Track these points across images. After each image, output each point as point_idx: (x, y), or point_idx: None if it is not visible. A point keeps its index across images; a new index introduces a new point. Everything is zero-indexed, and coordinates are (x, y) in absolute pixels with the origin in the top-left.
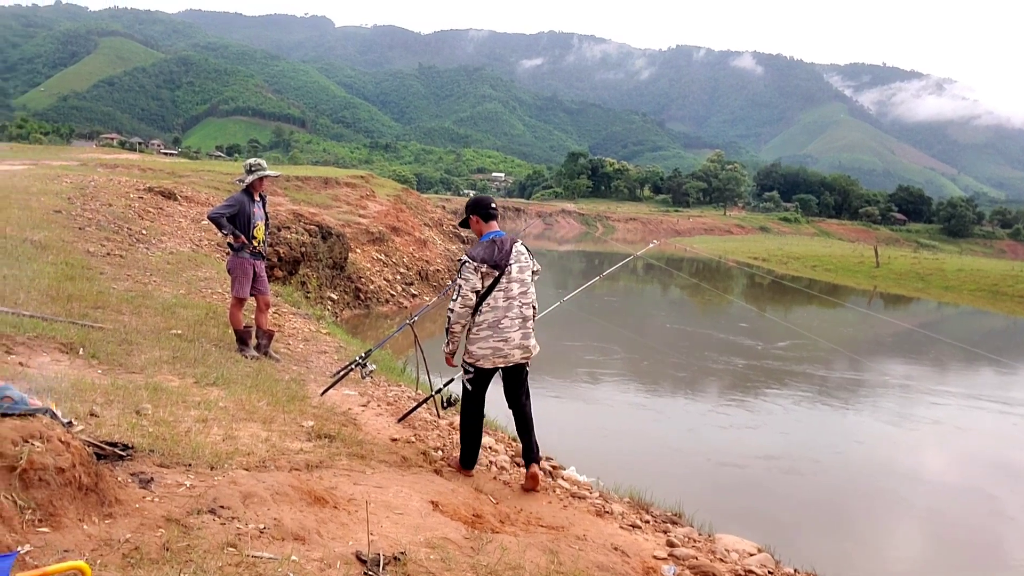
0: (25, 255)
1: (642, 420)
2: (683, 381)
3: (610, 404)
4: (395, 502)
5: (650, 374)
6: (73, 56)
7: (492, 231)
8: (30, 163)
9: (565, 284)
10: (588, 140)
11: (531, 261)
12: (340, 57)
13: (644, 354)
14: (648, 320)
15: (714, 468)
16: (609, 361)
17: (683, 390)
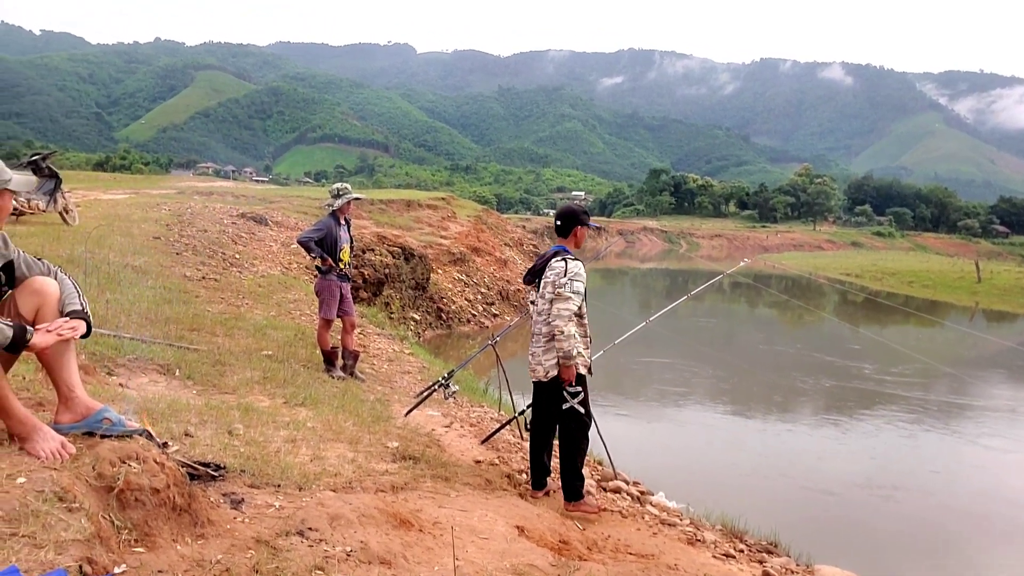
0: (127, 280)
1: (732, 443)
2: (773, 403)
3: (698, 426)
4: (480, 526)
5: (739, 395)
6: (171, 90)
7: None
8: (132, 192)
9: (649, 303)
10: (670, 156)
11: (556, 277)
12: (422, 82)
13: (732, 374)
14: (736, 339)
15: (809, 494)
16: (697, 382)
17: (774, 412)
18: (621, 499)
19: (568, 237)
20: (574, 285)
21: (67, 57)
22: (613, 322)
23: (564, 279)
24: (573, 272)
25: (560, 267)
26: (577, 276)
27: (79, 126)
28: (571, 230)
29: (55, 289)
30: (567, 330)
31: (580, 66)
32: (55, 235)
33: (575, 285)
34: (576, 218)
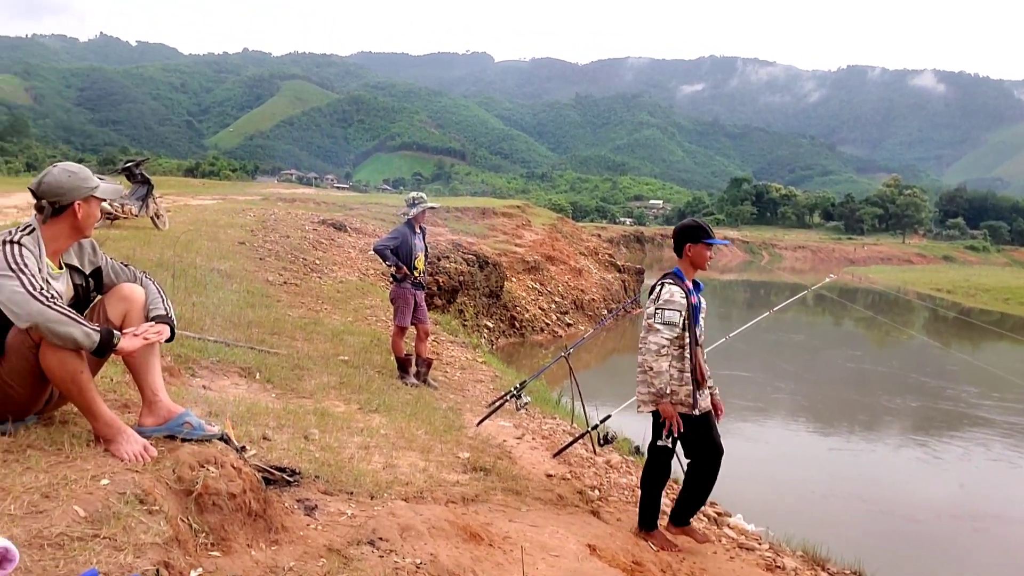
0: (212, 283)
1: (813, 464)
2: (857, 422)
3: (778, 445)
4: (551, 543)
5: (821, 414)
6: (258, 99)
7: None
8: (219, 198)
9: (729, 316)
10: (751, 165)
11: (650, 304)
12: (499, 91)
13: (814, 392)
14: (819, 356)
15: (894, 521)
16: (777, 399)
17: (857, 432)
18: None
19: (682, 258)
20: (665, 315)
21: (161, 67)
22: None
23: (652, 308)
24: (664, 300)
25: (656, 293)
26: (669, 304)
27: (171, 133)
28: (682, 248)
29: (141, 295)
30: (655, 366)
31: (659, 73)
32: (146, 239)
33: (666, 315)
34: (685, 235)
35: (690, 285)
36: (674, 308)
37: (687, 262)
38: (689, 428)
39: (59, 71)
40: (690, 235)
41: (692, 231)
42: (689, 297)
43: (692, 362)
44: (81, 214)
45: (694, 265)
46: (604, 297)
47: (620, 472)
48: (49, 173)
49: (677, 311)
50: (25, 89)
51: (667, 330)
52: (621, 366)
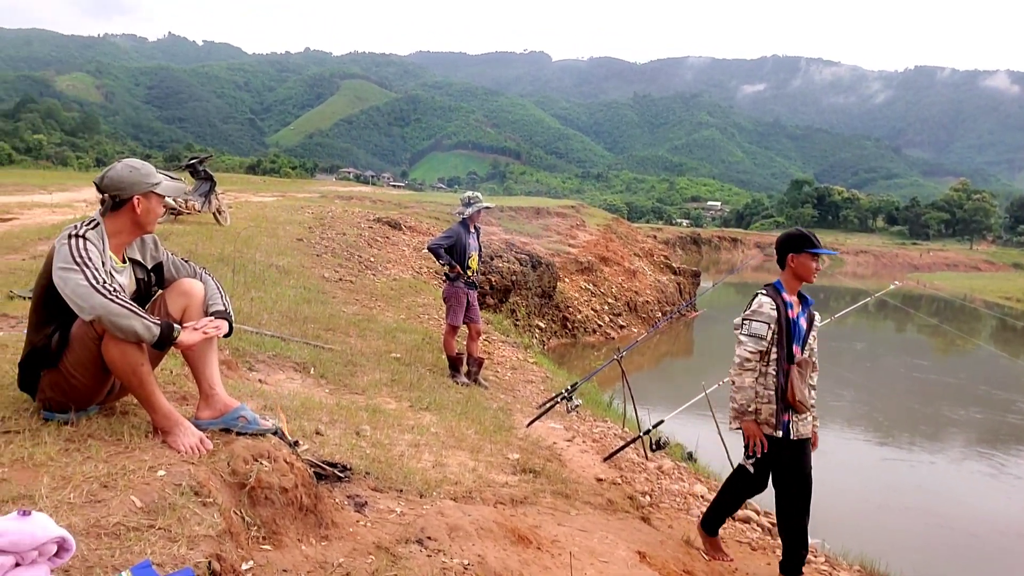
0: (270, 279)
1: (871, 474)
2: (918, 432)
3: (835, 455)
4: (600, 548)
5: (881, 423)
6: (318, 97)
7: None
8: (279, 195)
9: None
10: (813, 167)
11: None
12: (556, 90)
13: (874, 401)
14: (880, 364)
15: (955, 536)
16: (836, 407)
17: (918, 443)
18: (751, 530)
19: (784, 269)
20: (751, 327)
21: (226, 66)
22: None
23: (740, 319)
24: (752, 311)
25: (747, 304)
26: (756, 316)
27: (234, 131)
28: (784, 260)
29: (201, 290)
30: (737, 380)
31: (720, 73)
32: (208, 234)
33: (752, 327)
34: (788, 244)
35: (789, 298)
36: (761, 320)
37: (789, 273)
38: (774, 452)
39: (129, 70)
40: (793, 244)
41: (795, 240)
42: (785, 311)
43: (781, 381)
44: (140, 209)
45: (798, 277)
46: (658, 299)
47: (672, 478)
48: (113, 168)
49: (764, 323)
50: (96, 87)
51: (751, 343)
52: (675, 370)
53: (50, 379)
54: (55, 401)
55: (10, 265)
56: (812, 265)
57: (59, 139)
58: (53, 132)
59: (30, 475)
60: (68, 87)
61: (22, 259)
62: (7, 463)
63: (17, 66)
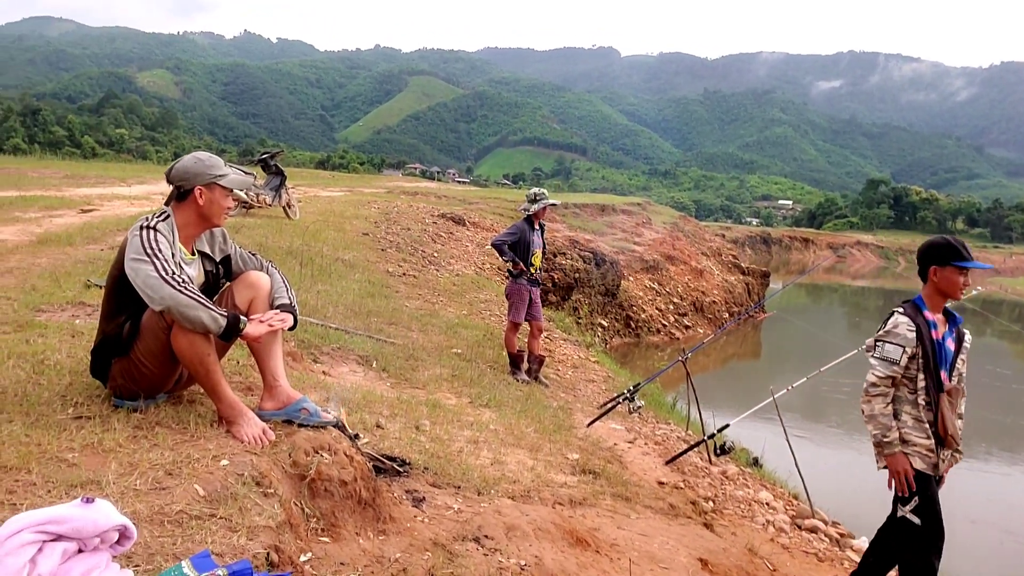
0: (336, 272)
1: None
2: (998, 444)
3: None
4: (660, 554)
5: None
6: (387, 94)
7: None
8: (347, 190)
9: (859, 326)
10: (890, 166)
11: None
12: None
13: None
14: None
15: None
16: None
17: (997, 455)
18: (818, 540)
19: (926, 283)
20: (884, 349)
21: (299, 63)
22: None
23: (872, 340)
24: (886, 331)
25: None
26: (891, 337)
27: (305, 127)
28: (926, 273)
29: (267, 283)
30: (865, 408)
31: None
32: (278, 228)
33: (885, 349)
34: (930, 255)
35: (932, 317)
36: (895, 342)
37: (932, 288)
38: (920, 488)
39: (206, 66)
40: (937, 256)
41: (940, 251)
42: (928, 331)
43: (934, 412)
44: (203, 200)
45: (942, 293)
46: (726, 300)
47: (736, 484)
48: (181, 159)
49: (899, 346)
50: (175, 83)
51: (882, 367)
52: (741, 373)
53: (121, 367)
54: (125, 388)
55: (90, 255)
56: (959, 280)
57: (140, 134)
58: (134, 127)
59: (99, 460)
60: (149, 83)
61: (101, 249)
62: (78, 448)
63: (101, 63)
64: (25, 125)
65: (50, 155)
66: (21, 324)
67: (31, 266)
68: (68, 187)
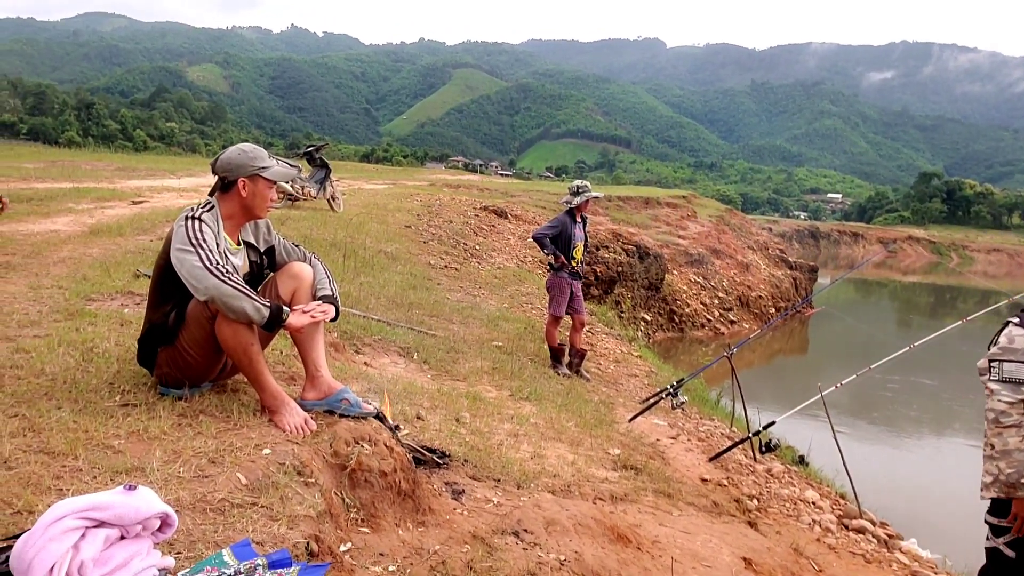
0: (379, 265)
1: None
2: None
3: (961, 466)
4: (702, 552)
5: None
6: (431, 87)
7: None
8: (390, 183)
9: (909, 322)
10: (943, 159)
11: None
12: (669, 77)
13: None
14: None
15: None
16: (964, 414)
17: None
18: (866, 541)
19: None
20: (1004, 369)
21: (344, 57)
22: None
23: (986, 361)
24: (1003, 348)
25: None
26: (1010, 354)
27: (350, 120)
28: None
29: (310, 274)
30: (996, 442)
31: (844, 60)
32: (322, 220)
33: (1005, 369)
34: None
35: None
36: (1018, 359)
37: None
38: None
39: (254, 61)
40: None
41: None
42: None
43: None
44: (246, 192)
45: None
46: (772, 295)
47: (782, 483)
48: (227, 150)
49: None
50: (224, 77)
51: (1007, 391)
52: (788, 369)
53: (167, 355)
54: (171, 377)
55: (139, 245)
56: None
57: (189, 127)
58: (184, 120)
59: (144, 447)
60: (198, 78)
61: (150, 240)
62: (123, 435)
63: (153, 58)
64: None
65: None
66: (72, 312)
67: (83, 256)
68: (120, 179)
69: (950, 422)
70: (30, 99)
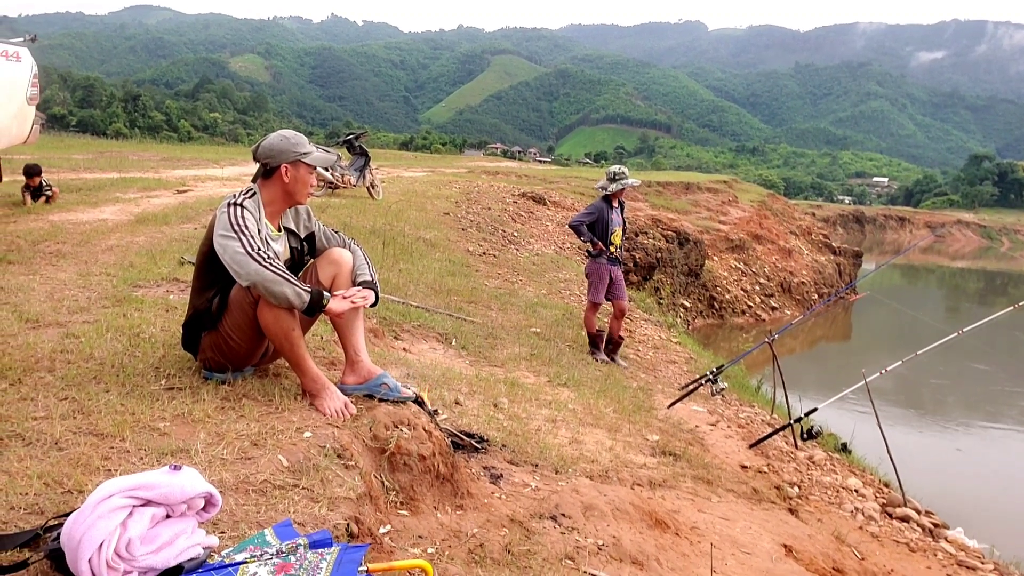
0: (417, 251)
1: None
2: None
3: (1011, 454)
4: (742, 539)
5: None
6: (469, 74)
7: None
8: (429, 171)
9: (957, 308)
10: (995, 141)
11: None
12: (711, 60)
13: None
14: None
15: None
16: (1014, 403)
17: None
18: (910, 530)
19: None
20: None
21: (383, 45)
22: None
23: None
24: None
25: None
26: None
27: (389, 108)
28: None
29: (350, 260)
30: None
31: (891, 40)
32: (362, 208)
33: None
34: None
35: None
36: None
37: None
38: None
39: (295, 51)
40: None
41: None
42: None
43: None
44: (288, 177)
45: None
46: (815, 281)
47: (823, 470)
48: (267, 137)
49: None
50: (266, 67)
51: None
52: (830, 355)
53: (210, 340)
54: (214, 361)
55: (184, 234)
56: None
57: (232, 117)
58: (227, 111)
59: (189, 430)
60: (240, 68)
61: (195, 228)
62: (169, 418)
63: (197, 49)
64: (126, 111)
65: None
66: (119, 299)
67: (129, 244)
68: (165, 169)
69: (1001, 409)
70: (79, 92)
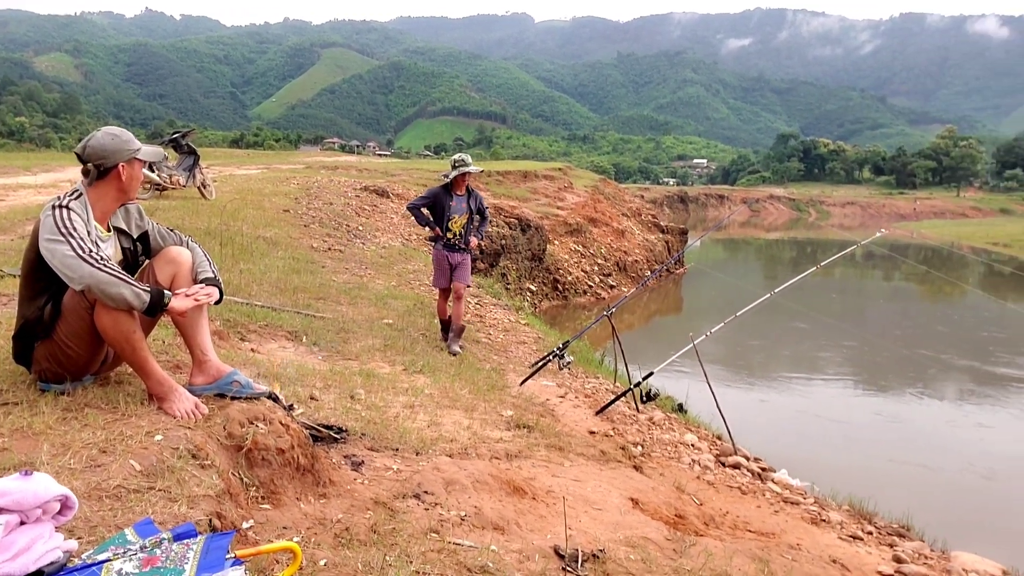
0: (258, 250)
1: (862, 422)
2: (907, 380)
3: (824, 403)
4: (593, 497)
5: (869, 371)
6: (299, 68)
7: None
8: (264, 168)
9: (775, 275)
10: (799, 121)
11: None
12: (539, 52)
13: (863, 350)
14: (869, 313)
15: (946, 478)
16: (825, 357)
17: (907, 390)
18: (741, 475)
19: None
20: None
21: (205, 40)
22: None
23: None
24: None
25: None
26: None
27: (216, 105)
28: None
29: (188, 258)
30: None
31: (704, 28)
32: (194, 209)
33: None
34: None
35: None
36: None
37: None
38: None
39: (107, 48)
40: None
41: None
42: None
43: None
44: (125, 176)
45: None
46: (647, 258)
47: (663, 429)
48: (93, 137)
49: None
50: (76, 66)
51: None
52: (665, 327)
53: (45, 350)
54: (51, 372)
55: (0, 246)
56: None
57: (41, 121)
58: (35, 114)
59: (30, 444)
60: (47, 68)
61: (11, 239)
62: (7, 433)
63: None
64: None
65: None
66: None
67: None
68: None
69: (815, 363)
70: None
